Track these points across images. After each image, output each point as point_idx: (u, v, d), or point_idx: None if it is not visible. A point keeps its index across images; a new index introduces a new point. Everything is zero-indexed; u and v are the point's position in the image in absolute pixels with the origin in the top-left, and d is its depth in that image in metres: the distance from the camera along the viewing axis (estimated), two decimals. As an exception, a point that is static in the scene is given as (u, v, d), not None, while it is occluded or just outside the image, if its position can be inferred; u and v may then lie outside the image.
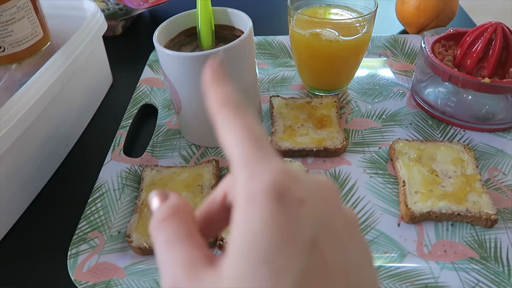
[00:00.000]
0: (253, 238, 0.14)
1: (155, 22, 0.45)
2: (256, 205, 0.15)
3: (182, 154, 0.48)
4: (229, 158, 0.17)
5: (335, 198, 0.17)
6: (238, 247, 0.15)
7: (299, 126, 0.48)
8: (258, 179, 0.15)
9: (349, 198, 0.41)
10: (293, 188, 0.15)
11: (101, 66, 0.59)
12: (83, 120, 0.54)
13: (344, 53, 0.50)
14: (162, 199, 0.18)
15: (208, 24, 0.44)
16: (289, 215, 0.15)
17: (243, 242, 0.15)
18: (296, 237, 0.15)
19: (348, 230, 0.17)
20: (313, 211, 0.15)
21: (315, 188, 0.17)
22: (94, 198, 0.42)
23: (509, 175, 0.42)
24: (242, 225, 0.15)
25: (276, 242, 0.14)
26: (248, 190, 0.15)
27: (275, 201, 0.15)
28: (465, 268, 0.34)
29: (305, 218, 0.15)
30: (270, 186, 0.15)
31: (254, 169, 0.16)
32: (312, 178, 0.17)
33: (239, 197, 0.16)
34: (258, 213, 0.15)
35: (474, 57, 0.45)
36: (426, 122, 0.49)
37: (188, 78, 0.42)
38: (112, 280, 0.35)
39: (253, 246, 0.14)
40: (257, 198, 0.15)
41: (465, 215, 0.37)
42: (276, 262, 0.14)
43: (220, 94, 0.18)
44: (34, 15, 0.46)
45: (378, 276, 0.34)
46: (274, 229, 0.14)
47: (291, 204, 0.15)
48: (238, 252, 0.15)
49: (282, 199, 0.15)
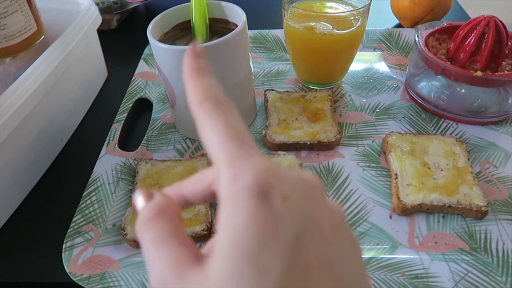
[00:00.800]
0: (237, 237, 0.15)
1: (150, 16, 0.45)
2: (240, 204, 0.15)
3: (176, 147, 0.48)
4: (211, 156, 0.17)
5: (319, 194, 0.17)
6: (223, 246, 0.15)
7: (293, 119, 0.48)
8: (241, 178, 0.15)
9: (342, 191, 0.41)
10: (277, 185, 0.15)
11: (96, 60, 0.59)
12: (78, 114, 0.54)
13: (338, 46, 0.50)
14: (147, 198, 0.18)
15: (202, 17, 0.44)
16: (272, 213, 0.15)
17: (228, 241, 0.15)
18: (280, 234, 0.15)
19: (333, 225, 0.17)
20: (296, 207, 0.16)
21: (299, 184, 0.17)
22: (89, 191, 0.42)
23: (500, 168, 0.42)
24: (226, 224, 0.15)
25: (260, 240, 0.14)
26: (231, 190, 0.15)
27: (258, 199, 0.15)
28: (455, 259, 0.35)
29: (288, 215, 0.15)
30: (253, 184, 0.15)
31: (236, 168, 0.16)
32: (296, 175, 0.17)
33: (223, 197, 0.16)
34: (242, 212, 0.15)
35: (467, 50, 0.46)
36: (419, 115, 0.50)
37: (182, 72, 0.42)
38: (107, 273, 0.35)
39: (238, 245, 0.14)
40: (240, 197, 0.15)
41: (456, 207, 0.37)
42: (260, 260, 0.14)
43: (199, 88, 0.18)
44: (27, 9, 0.46)
45: (370, 267, 0.34)
46: (258, 227, 0.15)
47: (275, 201, 0.15)
48: (223, 251, 0.15)
49: (266, 197, 0.15)
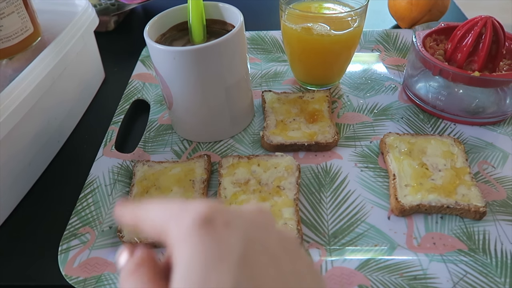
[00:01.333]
0: (188, 267, 0.16)
1: (147, 18, 0.44)
2: (186, 240, 0.16)
3: (174, 149, 0.48)
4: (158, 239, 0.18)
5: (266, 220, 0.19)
6: (178, 280, 0.16)
7: (291, 120, 0.48)
8: (184, 217, 0.17)
9: (340, 192, 0.41)
10: (217, 214, 0.17)
11: (93, 61, 0.58)
12: (75, 115, 0.54)
13: (336, 47, 0.50)
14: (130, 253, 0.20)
15: (200, 18, 0.44)
16: (215, 237, 0.16)
17: (181, 273, 0.16)
18: (224, 256, 0.16)
19: (282, 245, 0.18)
20: (238, 231, 0.17)
21: (241, 213, 0.18)
22: (86, 193, 0.42)
23: (498, 168, 0.42)
24: (177, 258, 0.16)
25: (206, 265, 0.16)
26: (177, 231, 0.17)
27: (201, 229, 0.16)
28: (454, 260, 0.34)
29: (230, 238, 0.16)
30: (195, 218, 0.17)
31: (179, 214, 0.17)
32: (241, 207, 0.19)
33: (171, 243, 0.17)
34: (189, 243, 0.16)
35: (464, 51, 0.46)
36: (417, 116, 0.50)
37: (179, 73, 0.42)
38: (103, 275, 0.35)
39: (189, 274, 0.16)
40: (185, 234, 0.16)
41: (454, 207, 0.37)
42: (210, 283, 0.15)
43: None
44: (24, 10, 0.46)
45: (368, 269, 0.34)
46: (203, 254, 0.16)
47: (217, 227, 0.17)
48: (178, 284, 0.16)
49: (208, 225, 0.17)
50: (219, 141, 0.48)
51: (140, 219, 0.20)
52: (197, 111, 0.45)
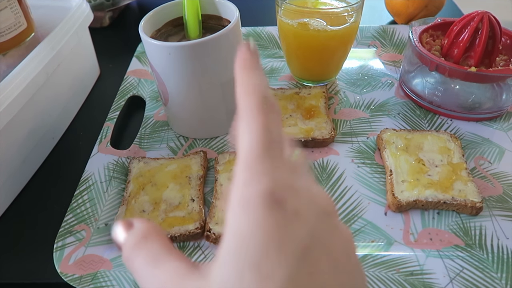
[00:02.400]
0: (242, 242, 0.14)
1: (143, 13, 0.44)
2: (250, 209, 0.15)
3: (170, 145, 0.47)
4: (236, 151, 0.17)
5: (331, 213, 0.17)
6: (228, 251, 0.15)
7: (288, 116, 0.48)
8: (255, 185, 0.15)
9: (337, 188, 0.41)
10: (289, 199, 0.15)
11: (87, 57, 0.58)
12: (70, 112, 0.53)
13: (332, 43, 0.49)
14: (127, 228, 0.18)
15: (195, 14, 0.43)
16: (281, 224, 0.15)
17: (233, 245, 0.15)
18: (285, 245, 0.15)
19: (346, 251, 0.17)
20: (307, 224, 0.15)
21: (314, 206, 0.16)
22: (81, 190, 0.41)
23: (494, 164, 0.42)
24: (233, 228, 0.15)
25: (265, 247, 0.14)
26: (243, 193, 0.15)
27: (268, 209, 0.15)
28: (450, 256, 0.35)
29: (297, 230, 0.15)
30: (266, 193, 0.15)
31: (253, 173, 0.15)
32: (311, 191, 0.17)
33: (233, 198, 0.15)
34: (251, 218, 0.15)
35: (461, 46, 0.45)
36: (414, 112, 0.50)
37: (175, 69, 0.41)
38: (99, 272, 0.35)
39: (242, 250, 0.14)
40: (251, 203, 0.15)
41: (451, 203, 0.37)
42: (263, 267, 0.14)
43: (249, 82, 0.18)
44: (17, 5, 0.46)
45: (365, 265, 0.34)
46: (264, 234, 0.14)
47: (285, 214, 0.15)
48: (227, 255, 0.15)
49: (276, 208, 0.15)
50: (215, 137, 0.48)
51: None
52: (193, 107, 0.45)
